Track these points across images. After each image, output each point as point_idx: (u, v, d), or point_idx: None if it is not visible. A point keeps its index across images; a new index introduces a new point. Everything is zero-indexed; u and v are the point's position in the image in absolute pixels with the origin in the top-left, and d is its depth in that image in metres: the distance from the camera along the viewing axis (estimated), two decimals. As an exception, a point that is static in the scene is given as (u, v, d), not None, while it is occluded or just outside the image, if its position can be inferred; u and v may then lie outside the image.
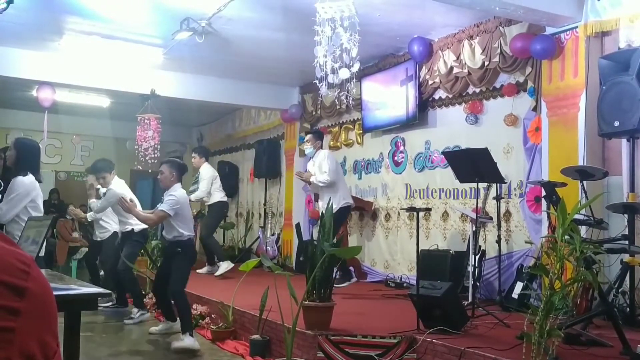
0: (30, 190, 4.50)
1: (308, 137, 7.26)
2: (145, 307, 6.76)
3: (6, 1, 3.88)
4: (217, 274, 8.20)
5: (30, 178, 4.51)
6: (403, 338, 4.25)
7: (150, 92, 8.70)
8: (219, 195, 8.67)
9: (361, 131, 8.50)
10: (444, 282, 4.72)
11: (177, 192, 5.38)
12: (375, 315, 5.52)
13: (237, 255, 9.88)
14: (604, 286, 4.22)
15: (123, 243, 6.82)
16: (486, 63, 6.35)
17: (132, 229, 6.70)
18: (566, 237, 3.38)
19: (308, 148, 7.17)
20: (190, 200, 8.17)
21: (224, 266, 8.11)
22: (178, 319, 5.48)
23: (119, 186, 6.87)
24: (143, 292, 6.95)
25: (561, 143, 5.56)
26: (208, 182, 8.58)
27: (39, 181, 4.63)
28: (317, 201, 7.52)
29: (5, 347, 0.61)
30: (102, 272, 8.32)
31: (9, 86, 9.54)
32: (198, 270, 8.63)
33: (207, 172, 8.67)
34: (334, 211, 6.47)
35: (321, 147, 7.25)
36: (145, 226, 6.75)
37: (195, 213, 9.86)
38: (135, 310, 6.69)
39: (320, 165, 6.89)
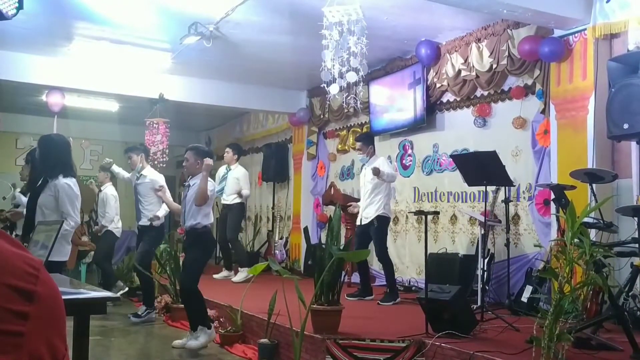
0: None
1: (358, 145, 6.79)
2: (154, 308, 6.78)
3: (16, 7, 3.90)
4: (234, 279, 8.17)
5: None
6: (412, 342, 4.24)
7: (158, 97, 8.73)
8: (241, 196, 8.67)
9: (369, 134, 8.48)
10: (452, 286, 4.70)
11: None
12: (383, 319, 5.51)
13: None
14: (614, 290, 4.19)
15: (140, 237, 6.84)
16: (494, 66, 6.34)
17: (151, 224, 6.72)
18: (575, 240, 3.37)
19: (361, 157, 6.75)
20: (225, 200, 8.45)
21: (244, 274, 8.05)
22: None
23: (154, 173, 6.91)
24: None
25: (570, 146, 5.54)
26: (247, 181, 8.68)
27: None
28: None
29: (14, 351, 0.61)
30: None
31: (19, 91, 9.60)
32: (215, 276, 8.63)
33: (243, 171, 8.73)
34: (379, 215, 6.42)
35: (374, 152, 6.72)
36: (162, 221, 6.79)
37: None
38: (142, 307, 6.71)
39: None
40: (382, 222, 6.53)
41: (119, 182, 8.47)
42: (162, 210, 6.84)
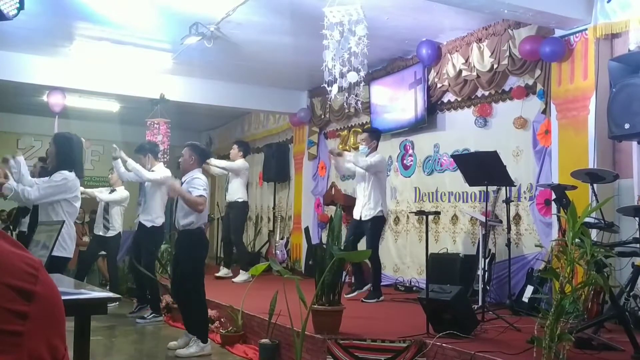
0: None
1: (363, 135, 6.84)
2: (160, 312, 6.78)
3: (17, 7, 3.91)
4: (235, 280, 8.17)
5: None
6: (412, 342, 4.23)
7: (159, 97, 8.73)
8: (243, 194, 8.51)
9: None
10: (453, 286, 4.69)
11: (200, 175, 5.22)
12: (384, 319, 5.50)
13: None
14: (615, 290, 4.18)
15: (139, 238, 6.82)
16: (495, 66, 6.33)
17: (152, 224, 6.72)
18: (577, 240, 3.36)
19: (362, 147, 6.77)
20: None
21: (245, 277, 8.03)
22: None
23: (162, 169, 6.92)
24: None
25: (571, 146, 5.53)
26: (239, 165, 8.44)
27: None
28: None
29: (14, 351, 0.61)
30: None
31: (20, 91, 9.61)
32: (216, 274, 8.63)
33: (242, 162, 8.52)
34: (377, 215, 6.43)
35: (376, 148, 6.72)
36: (162, 220, 6.77)
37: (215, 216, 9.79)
38: (149, 311, 6.73)
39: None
40: (378, 223, 6.56)
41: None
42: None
